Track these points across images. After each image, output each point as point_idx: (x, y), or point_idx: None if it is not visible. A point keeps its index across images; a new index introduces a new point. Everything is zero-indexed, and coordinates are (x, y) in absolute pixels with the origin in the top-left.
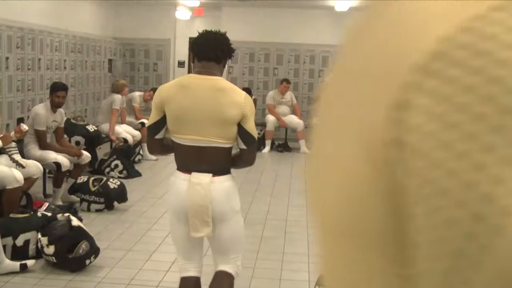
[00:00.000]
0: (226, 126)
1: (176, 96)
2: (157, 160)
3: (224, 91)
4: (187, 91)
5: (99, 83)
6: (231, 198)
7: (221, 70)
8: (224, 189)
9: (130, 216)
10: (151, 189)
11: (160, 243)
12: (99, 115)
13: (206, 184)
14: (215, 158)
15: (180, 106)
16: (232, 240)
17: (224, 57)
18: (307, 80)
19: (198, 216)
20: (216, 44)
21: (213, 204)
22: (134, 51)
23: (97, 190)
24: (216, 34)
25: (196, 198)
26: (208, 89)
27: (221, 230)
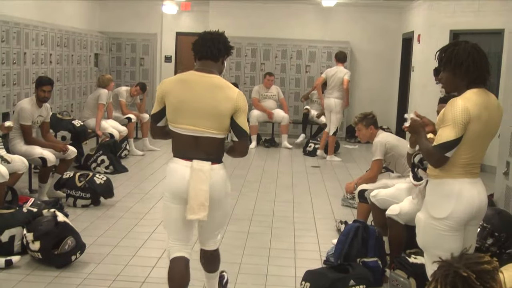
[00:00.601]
0: (219, 118)
1: (175, 89)
2: (144, 155)
3: (219, 87)
4: (186, 85)
5: (85, 77)
6: (226, 184)
7: (219, 67)
8: (221, 176)
9: (116, 212)
10: (138, 185)
11: (146, 238)
12: (85, 110)
13: (207, 170)
14: (210, 147)
15: (178, 98)
16: (222, 219)
17: (221, 55)
18: (294, 75)
19: (198, 200)
20: (212, 44)
21: (212, 189)
22: (120, 46)
23: (83, 185)
24: (212, 34)
25: (197, 183)
26: (205, 85)
27: (216, 212)
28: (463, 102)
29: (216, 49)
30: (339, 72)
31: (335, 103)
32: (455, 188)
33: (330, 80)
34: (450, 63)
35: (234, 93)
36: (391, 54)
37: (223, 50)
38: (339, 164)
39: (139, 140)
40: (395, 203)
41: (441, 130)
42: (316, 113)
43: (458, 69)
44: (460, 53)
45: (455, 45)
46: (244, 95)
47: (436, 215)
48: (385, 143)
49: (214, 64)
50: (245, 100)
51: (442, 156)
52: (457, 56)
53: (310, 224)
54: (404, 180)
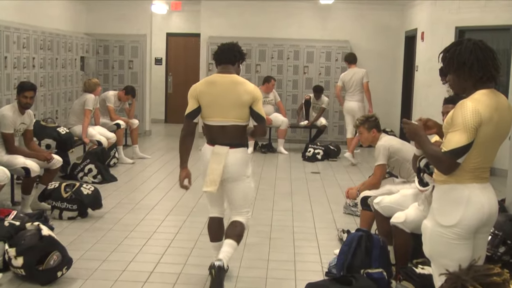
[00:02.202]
0: (241, 108)
1: (206, 90)
2: (134, 163)
3: (239, 83)
4: (213, 86)
5: (70, 82)
6: (242, 165)
7: (236, 69)
8: (237, 157)
9: (105, 224)
10: (128, 195)
11: (137, 252)
12: (70, 116)
13: (223, 154)
14: (233, 134)
15: (210, 96)
16: (244, 197)
17: (237, 60)
18: (291, 76)
19: (211, 176)
20: (229, 51)
21: (227, 168)
22: (108, 48)
23: (70, 196)
24: (229, 45)
25: (214, 163)
26: (228, 83)
27: (234, 188)
28: (473, 104)
29: (233, 55)
30: (357, 74)
31: (358, 107)
32: (463, 194)
33: (349, 85)
34: (453, 64)
35: (251, 87)
36: (393, 53)
37: (238, 56)
38: (341, 169)
39: (129, 147)
40: (400, 210)
41: (451, 135)
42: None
43: (462, 69)
44: (462, 52)
45: (458, 45)
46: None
47: (443, 222)
48: (389, 147)
49: (232, 67)
50: (259, 91)
51: (453, 162)
52: (460, 56)
53: (311, 233)
54: (409, 185)
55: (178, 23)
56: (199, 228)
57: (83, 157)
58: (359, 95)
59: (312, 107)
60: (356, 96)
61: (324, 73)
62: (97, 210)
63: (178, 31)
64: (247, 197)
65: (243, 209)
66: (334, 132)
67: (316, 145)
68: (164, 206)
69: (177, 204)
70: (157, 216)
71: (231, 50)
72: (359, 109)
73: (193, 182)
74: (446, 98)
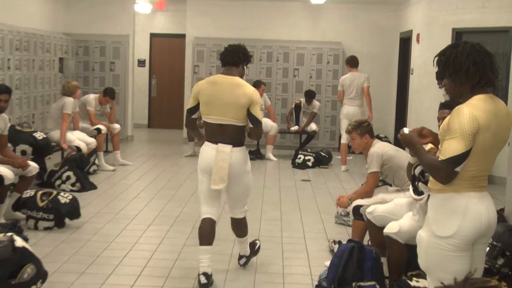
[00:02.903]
0: (239, 109)
1: (207, 89)
2: (115, 170)
3: (238, 86)
4: (214, 86)
5: (48, 84)
6: (244, 163)
7: (240, 71)
8: (240, 156)
9: (83, 235)
10: (108, 204)
11: (117, 264)
12: (48, 121)
13: (228, 152)
14: (232, 133)
15: (209, 95)
16: (244, 192)
17: (241, 62)
18: (280, 80)
19: (219, 174)
20: (234, 53)
21: (232, 167)
22: (88, 49)
23: (46, 205)
24: (235, 46)
25: (220, 161)
26: (228, 84)
27: (237, 185)
28: (470, 110)
29: (237, 57)
30: (358, 79)
31: (358, 112)
32: (460, 203)
33: (349, 89)
34: (448, 67)
35: (250, 90)
36: (387, 55)
37: (242, 58)
38: (332, 177)
39: (110, 153)
40: (394, 220)
41: (448, 143)
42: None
43: (458, 73)
44: (459, 55)
45: (454, 47)
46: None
47: (440, 233)
48: (382, 154)
49: (236, 69)
50: (258, 95)
51: (451, 171)
52: (456, 59)
53: (300, 244)
54: (403, 194)
55: (163, 23)
56: (182, 238)
57: (61, 164)
58: (360, 100)
59: (302, 112)
60: (357, 101)
61: (315, 76)
62: (75, 220)
63: (162, 32)
64: (247, 191)
65: (241, 202)
66: (325, 138)
67: (306, 152)
68: (146, 216)
69: (160, 213)
70: (138, 226)
71: (236, 52)
72: (359, 115)
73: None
74: (442, 103)
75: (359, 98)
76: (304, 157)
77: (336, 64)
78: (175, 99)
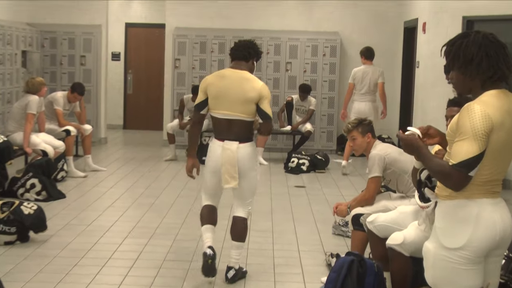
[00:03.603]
0: (247, 104)
1: (215, 83)
2: (86, 177)
3: (247, 80)
4: (223, 79)
5: (9, 81)
6: (252, 159)
7: (249, 66)
8: (247, 153)
9: (50, 250)
10: (78, 214)
11: (89, 282)
12: (9, 122)
13: (235, 149)
14: (240, 128)
15: (217, 89)
16: (250, 189)
17: (251, 57)
18: (271, 74)
19: (229, 172)
20: (244, 48)
21: (239, 163)
22: (55, 41)
23: (7, 217)
24: (245, 42)
25: (227, 159)
26: (237, 79)
27: (243, 182)
28: (481, 107)
29: (247, 52)
30: (373, 73)
31: (370, 108)
32: (472, 211)
33: (362, 83)
34: (458, 59)
35: (259, 85)
36: (390, 47)
37: (252, 53)
38: (329, 182)
39: (80, 158)
40: (398, 230)
41: (459, 145)
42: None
43: (468, 66)
44: (470, 46)
45: (464, 37)
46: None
47: (448, 244)
48: (384, 157)
49: (245, 64)
50: (268, 90)
51: (464, 176)
52: (466, 50)
53: (294, 258)
54: (408, 201)
55: (139, 12)
56: (162, 253)
57: (25, 170)
58: (371, 95)
59: (295, 109)
60: (368, 96)
61: (309, 70)
62: (40, 233)
63: (139, 21)
64: (252, 189)
65: (247, 200)
66: (321, 139)
67: (300, 155)
68: (122, 228)
69: (137, 225)
70: (113, 239)
71: (246, 47)
72: (371, 111)
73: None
74: (451, 99)
75: (371, 93)
76: (298, 161)
77: (333, 57)
78: (153, 97)
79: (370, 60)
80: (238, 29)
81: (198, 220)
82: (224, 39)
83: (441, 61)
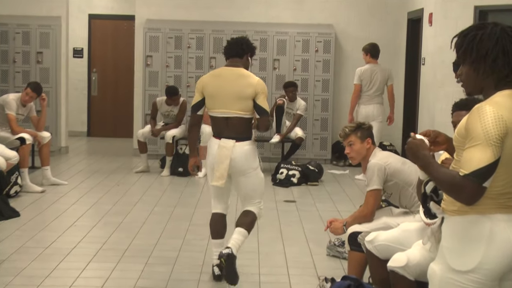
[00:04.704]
0: (244, 101)
1: (211, 82)
2: (44, 192)
3: (243, 77)
4: (219, 78)
5: None
6: (249, 158)
7: (244, 63)
8: (244, 151)
9: (1, 277)
10: (34, 235)
11: None
12: None
13: (230, 147)
14: (238, 127)
15: (214, 88)
16: (254, 188)
17: (245, 53)
18: (257, 73)
19: (219, 170)
20: (237, 45)
21: (234, 162)
22: (6, 35)
23: None
24: (237, 39)
25: (221, 157)
26: (233, 76)
27: (242, 182)
28: (494, 109)
29: (240, 49)
30: (381, 73)
31: (377, 110)
32: (484, 228)
33: (369, 85)
34: (471, 53)
35: (254, 81)
36: (392, 41)
37: (246, 49)
38: (323, 196)
39: (37, 170)
40: (400, 250)
41: (470, 152)
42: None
43: (482, 62)
44: (485, 39)
45: (479, 29)
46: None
47: (457, 266)
48: (385, 166)
49: (240, 60)
50: (264, 85)
51: (478, 188)
52: (481, 44)
53: (283, 283)
54: (412, 217)
55: (105, 2)
56: (133, 278)
57: None
58: (380, 97)
59: (285, 113)
60: (376, 99)
61: (300, 68)
62: None
63: (105, 12)
64: (257, 189)
65: (254, 200)
66: (314, 147)
67: (290, 165)
68: (85, 250)
69: (103, 247)
70: (75, 263)
71: (238, 44)
72: (379, 114)
73: (130, 213)
74: (457, 102)
75: (379, 95)
76: (287, 172)
77: (327, 53)
78: (122, 99)
79: (376, 59)
80: (219, 22)
81: (173, 241)
82: (202, 33)
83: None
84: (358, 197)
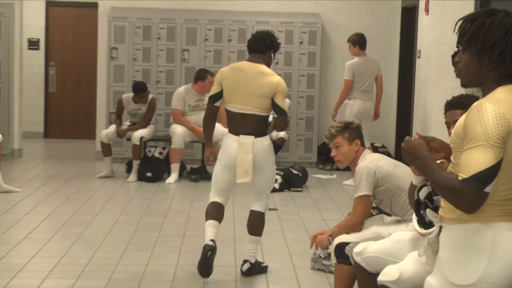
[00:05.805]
0: (262, 99)
1: (231, 75)
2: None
3: (263, 74)
4: (238, 72)
5: None
6: (268, 154)
7: (266, 59)
8: (263, 147)
9: None
10: None
11: None
12: None
13: (251, 143)
14: (254, 123)
15: (232, 82)
16: (267, 183)
17: (268, 49)
18: None
19: (243, 167)
20: (261, 40)
21: (255, 157)
22: None
23: None
24: (262, 33)
25: (243, 153)
26: (253, 72)
27: (260, 177)
28: (494, 107)
29: (263, 44)
30: (372, 65)
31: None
32: (486, 238)
33: (363, 79)
34: (476, 42)
35: (275, 80)
36: (384, 32)
37: (269, 45)
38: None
39: None
40: (392, 263)
41: (469, 154)
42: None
43: (487, 53)
44: (494, 29)
45: (489, 15)
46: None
47: (457, 280)
48: (375, 170)
49: (262, 56)
50: (284, 84)
51: (479, 193)
52: (489, 32)
53: None
54: (405, 226)
55: None
56: None
57: None
58: (371, 92)
59: None
60: (370, 94)
61: (283, 62)
62: None
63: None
64: (270, 183)
65: (264, 194)
66: (298, 149)
67: None
68: (40, 266)
69: (61, 261)
70: (28, 280)
71: (262, 39)
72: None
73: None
74: (449, 101)
75: (371, 90)
76: None
77: (313, 45)
78: (83, 97)
79: (364, 50)
80: (192, 10)
81: (140, 254)
82: (174, 23)
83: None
84: (346, 204)
